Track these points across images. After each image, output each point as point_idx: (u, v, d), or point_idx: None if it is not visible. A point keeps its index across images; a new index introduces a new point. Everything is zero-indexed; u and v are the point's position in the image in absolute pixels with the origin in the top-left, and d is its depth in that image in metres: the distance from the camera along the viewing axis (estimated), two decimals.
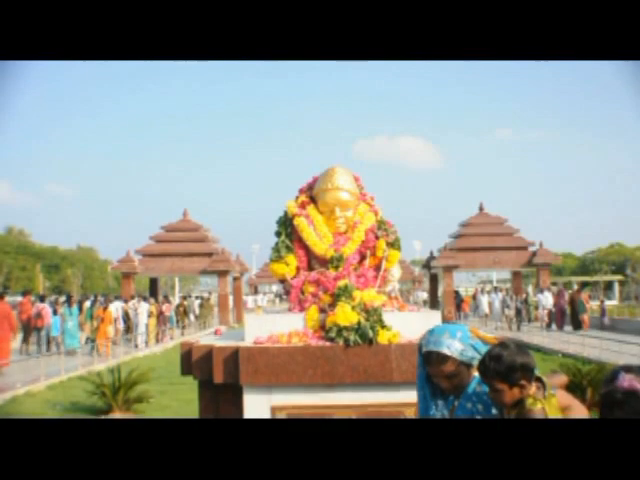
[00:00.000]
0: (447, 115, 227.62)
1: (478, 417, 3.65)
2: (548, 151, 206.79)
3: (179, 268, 40.99)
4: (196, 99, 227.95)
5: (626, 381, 2.81)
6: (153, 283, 43.08)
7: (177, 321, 37.55)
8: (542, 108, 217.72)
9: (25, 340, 25.63)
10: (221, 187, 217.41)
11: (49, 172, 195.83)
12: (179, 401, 14.84)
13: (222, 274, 40.15)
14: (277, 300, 61.39)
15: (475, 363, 3.59)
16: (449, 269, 39.46)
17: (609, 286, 70.12)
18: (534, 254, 39.63)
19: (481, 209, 41.92)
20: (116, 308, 29.52)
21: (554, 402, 3.48)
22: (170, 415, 13.93)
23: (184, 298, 42.85)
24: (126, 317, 30.82)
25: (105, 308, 28.36)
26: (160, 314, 33.88)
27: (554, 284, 43.19)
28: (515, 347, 3.44)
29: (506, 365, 3.32)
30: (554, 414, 3.41)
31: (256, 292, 58.24)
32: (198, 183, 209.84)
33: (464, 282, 51.76)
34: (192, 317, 40.18)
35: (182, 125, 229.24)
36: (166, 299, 38.24)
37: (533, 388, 3.39)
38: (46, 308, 27.46)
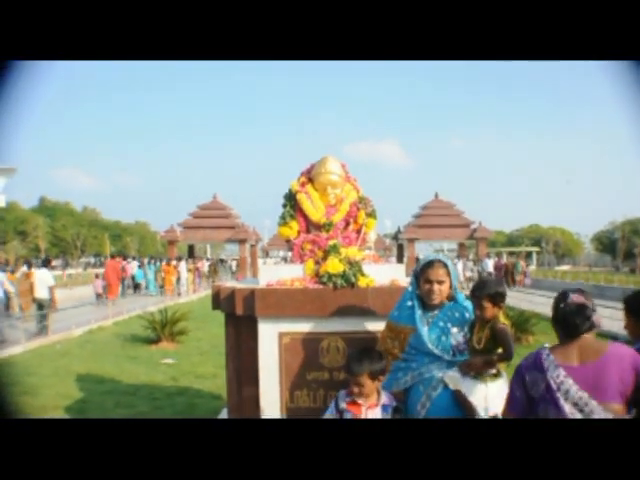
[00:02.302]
0: (417, 126, 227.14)
1: (453, 329, 4.00)
2: (486, 156, 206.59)
3: (210, 237, 41.09)
4: (224, 104, 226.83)
5: (575, 297, 3.00)
6: (190, 248, 43.10)
7: (208, 277, 38.20)
8: (486, 120, 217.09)
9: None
10: (240, 176, 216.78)
11: (115, 164, 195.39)
12: (210, 334, 14.93)
13: (242, 242, 40.29)
14: (282, 262, 61.52)
15: (455, 284, 4.03)
16: (412, 241, 39.85)
17: (529, 255, 70.33)
18: (475, 230, 39.84)
19: (436, 196, 41.94)
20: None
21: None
22: (204, 344, 14.00)
23: (221, 261, 43.42)
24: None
25: (168, 264, 31.31)
26: (196, 269, 34.45)
27: (489, 254, 43.34)
28: (496, 281, 4.00)
29: (494, 290, 3.73)
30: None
31: (267, 256, 58.15)
32: (225, 173, 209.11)
33: (423, 251, 51.64)
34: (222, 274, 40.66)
35: (213, 126, 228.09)
36: (201, 259, 39.00)
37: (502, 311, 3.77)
38: (128, 264, 30.87)
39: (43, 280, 16.15)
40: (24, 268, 18.12)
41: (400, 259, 43.26)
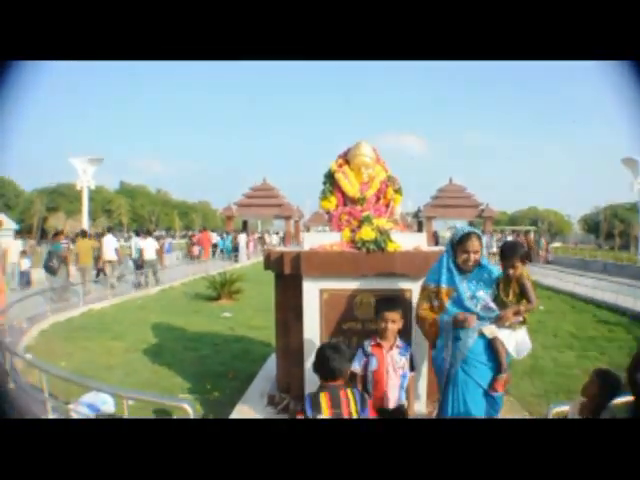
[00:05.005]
0: (436, 120, 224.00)
1: (481, 291, 3.89)
2: (496, 146, 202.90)
3: (260, 214, 41.31)
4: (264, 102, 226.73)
5: None
6: (244, 223, 43.28)
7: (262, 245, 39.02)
8: (500, 115, 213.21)
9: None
10: (285, 161, 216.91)
11: (183, 153, 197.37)
12: (261, 293, 14.97)
13: (287, 218, 40.37)
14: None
15: (484, 253, 3.95)
16: (430, 218, 39.58)
17: (526, 233, 69.37)
18: (482, 210, 39.30)
19: (450, 181, 41.34)
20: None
21: None
22: (256, 301, 14.04)
23: (276, 233, 43.86)
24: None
25: (235, 237, 34.06)
26: (249, 241, 34.91)
27: (494, 231, 42.64)
28: (521, 243, 4.25)
29: (524, 251, 3.84)
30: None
31: (308, 231, 58.33)
32: (274, 157, 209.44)
33: (439, 228, 51.22)
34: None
35: (264, 119, 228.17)
36: (253, 232, 39.57)
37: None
38: (202, 236, 32.46)
39: (151, 246, 17.69)
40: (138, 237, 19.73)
41: None
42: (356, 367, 4.09)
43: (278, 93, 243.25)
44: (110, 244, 17.02)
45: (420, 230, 42.94)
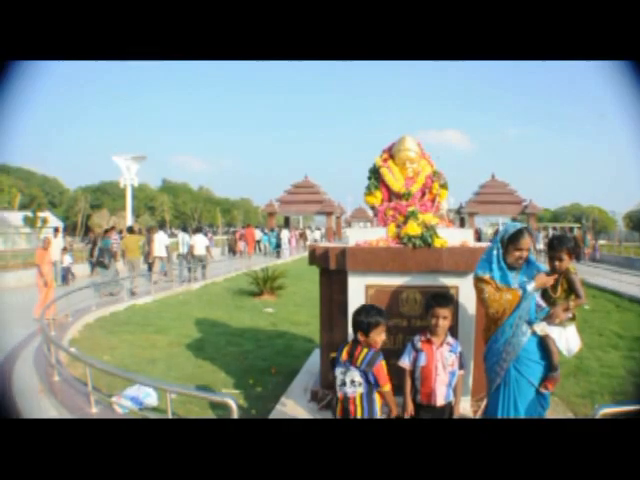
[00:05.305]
0: (478, 116, 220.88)
1: (527, 283, 3.71)
2: (536, 143, 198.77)
3: (302, 210, 41.40)
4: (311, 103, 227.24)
5: None
6: (286, 220, 43.50)
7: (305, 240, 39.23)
8: (540, 113, 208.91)
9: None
10: (328, 158, 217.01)
11: (222, 152, 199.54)
12: (303, 289, 15.02)
13: (329, 214, 40.42)
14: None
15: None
16: (472, 215, 39.07)
17: (571, 230, 67.86)
18: (526, 207, 38.73)
19: (493, 177, 40.73)
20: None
21: None
22: (298, 297, 14.05)
23: (317, 229, 43.79)
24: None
25: (278, 234, 34.38)
26: (292, 237, 35.05)
27: (538, 228, 41.79)
28: (569, 237, 4.32)
29: (572, 244, 3.81)
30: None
31: (350, 227, 58.25)
32: (315, 155, 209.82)
33: (481, 224, 50.45)
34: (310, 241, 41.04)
35: (306, 119, 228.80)
36: (295, 228, 39.59)
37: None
38: (247, 232, 31.75)
39: (201, 242, 18.31)
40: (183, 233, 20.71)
41: None
42: (405, 362, 4.03)
43: (335, 92, 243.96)
44: (161, 241, 17.72)
45: (462, 226, 42.41)
